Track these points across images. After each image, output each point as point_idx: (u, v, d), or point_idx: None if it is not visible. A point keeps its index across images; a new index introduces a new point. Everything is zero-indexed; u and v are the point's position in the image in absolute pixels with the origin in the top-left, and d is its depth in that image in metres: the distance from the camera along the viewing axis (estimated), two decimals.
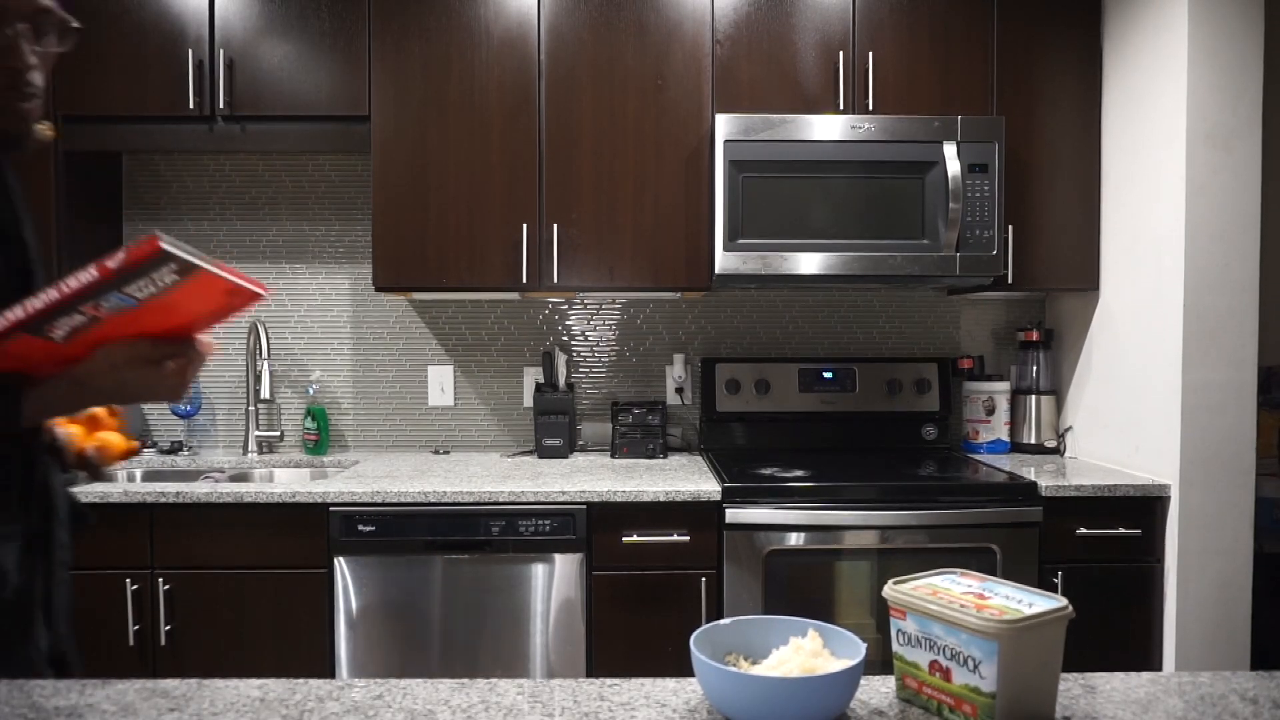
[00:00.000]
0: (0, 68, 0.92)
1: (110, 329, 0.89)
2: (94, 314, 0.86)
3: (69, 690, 0.93)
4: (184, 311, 0.91)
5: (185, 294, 0.88)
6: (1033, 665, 0.83)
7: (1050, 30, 2.49)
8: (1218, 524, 2.17)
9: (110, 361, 0.88)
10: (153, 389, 0.91)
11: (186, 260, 0.84)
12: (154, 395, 0.92)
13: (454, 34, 2.45)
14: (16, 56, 0.91)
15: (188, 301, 0.89)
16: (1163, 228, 2.24)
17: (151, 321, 0.90)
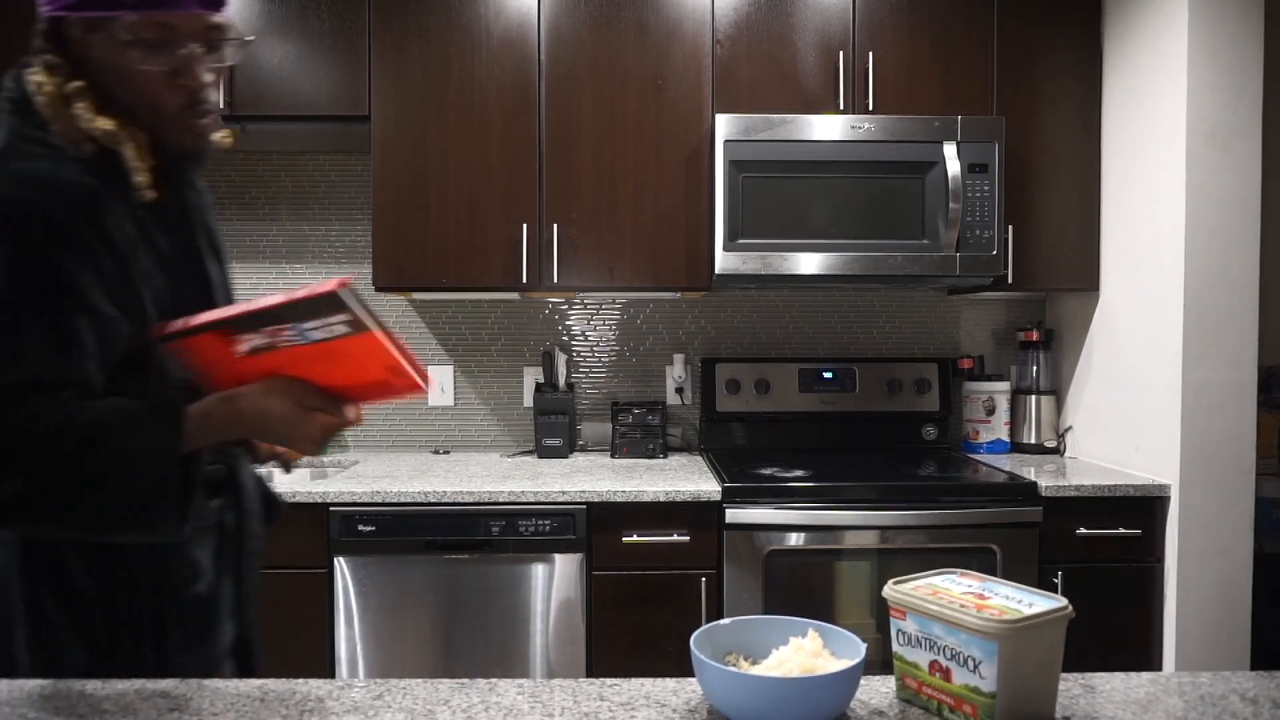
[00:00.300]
0: (178, 86, 0.94)
1: (281, 361, 0.91)
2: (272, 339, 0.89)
3: (69, 690, 0.93)
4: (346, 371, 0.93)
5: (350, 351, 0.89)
6: (1033, 665, 0.83)
7: (1050, 30, 2.49)
8: (1218, 524, 2.17)
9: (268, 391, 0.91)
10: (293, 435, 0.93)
11: (357, 316, 0.87)
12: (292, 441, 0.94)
13: (454, 34, 2.45)
14: (192, 75, 0.94)
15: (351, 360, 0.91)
16: (1163, 228, 2.24)
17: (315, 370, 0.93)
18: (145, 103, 0.95)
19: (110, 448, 0.88)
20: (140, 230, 0.97)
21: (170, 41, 0.92)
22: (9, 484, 0.87)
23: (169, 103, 0.95)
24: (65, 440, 0.87)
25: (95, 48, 0.93)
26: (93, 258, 0.90)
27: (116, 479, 0.88)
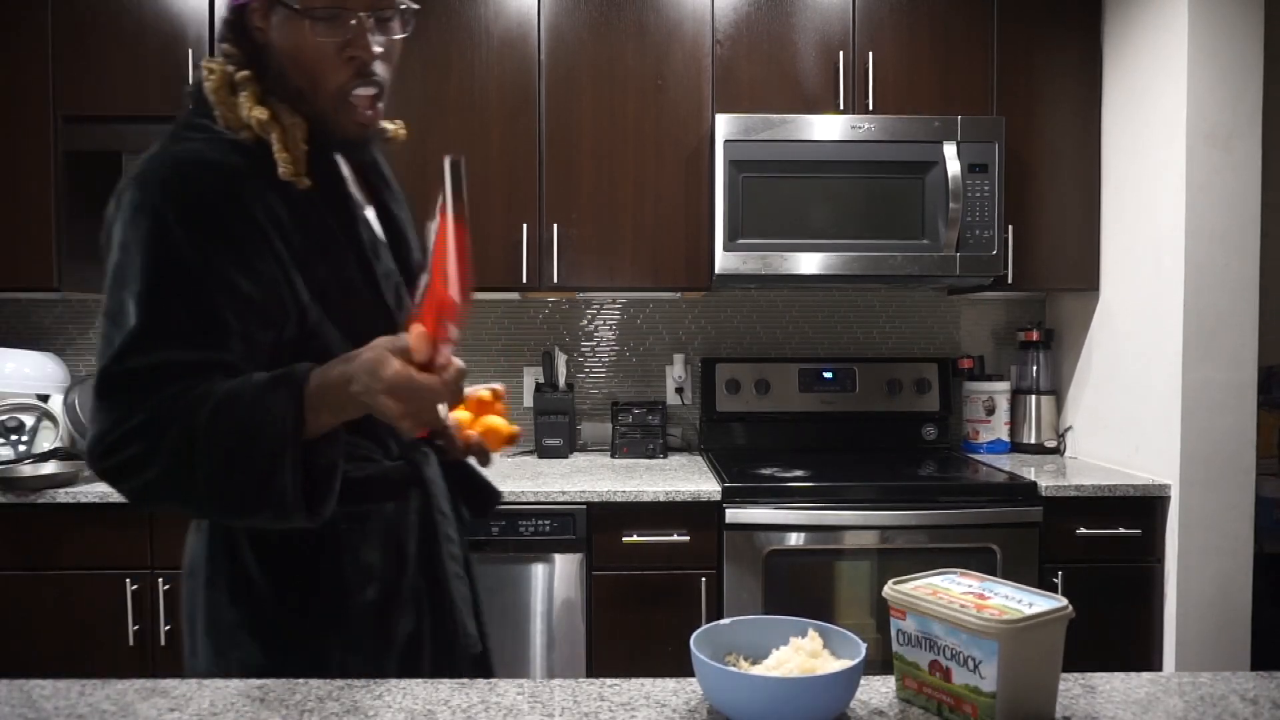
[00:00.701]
0: (346, 59, 0.94)
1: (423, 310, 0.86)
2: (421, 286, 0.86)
3: (69, 690, 0.93)
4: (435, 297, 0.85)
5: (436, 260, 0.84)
6: (1033, 665, 0.83)
7: (1050, 30, 2.49)
8: (1218, 524, 2.17)
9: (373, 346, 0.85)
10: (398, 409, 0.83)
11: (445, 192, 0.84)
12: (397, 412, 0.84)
13: (454, 34, 2.45)
14: (361, 46, 0.94)
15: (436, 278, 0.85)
16: (1163, 228, 2.24)
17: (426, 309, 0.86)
18: (313, 79, 0.95)
19: (233, 419, 0.86)
20: (294, 215, 0.96)
21: (341, 11, 0.93)
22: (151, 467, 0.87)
23: (335, 77, 0.95)
24: (198, 416, 0.86)
25: (272, 29, 0.95)
26: (230, 236, 0.90)
27: (239, 451, 0.86)
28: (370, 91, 0.99)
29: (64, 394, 2.61)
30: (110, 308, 0.90)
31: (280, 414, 0.86)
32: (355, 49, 0.95)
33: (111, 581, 2.16)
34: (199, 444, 0.86)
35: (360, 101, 0.99)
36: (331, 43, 0.94)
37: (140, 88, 2.45)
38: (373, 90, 1.00)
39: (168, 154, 0.92)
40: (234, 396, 0.87)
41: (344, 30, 0.94)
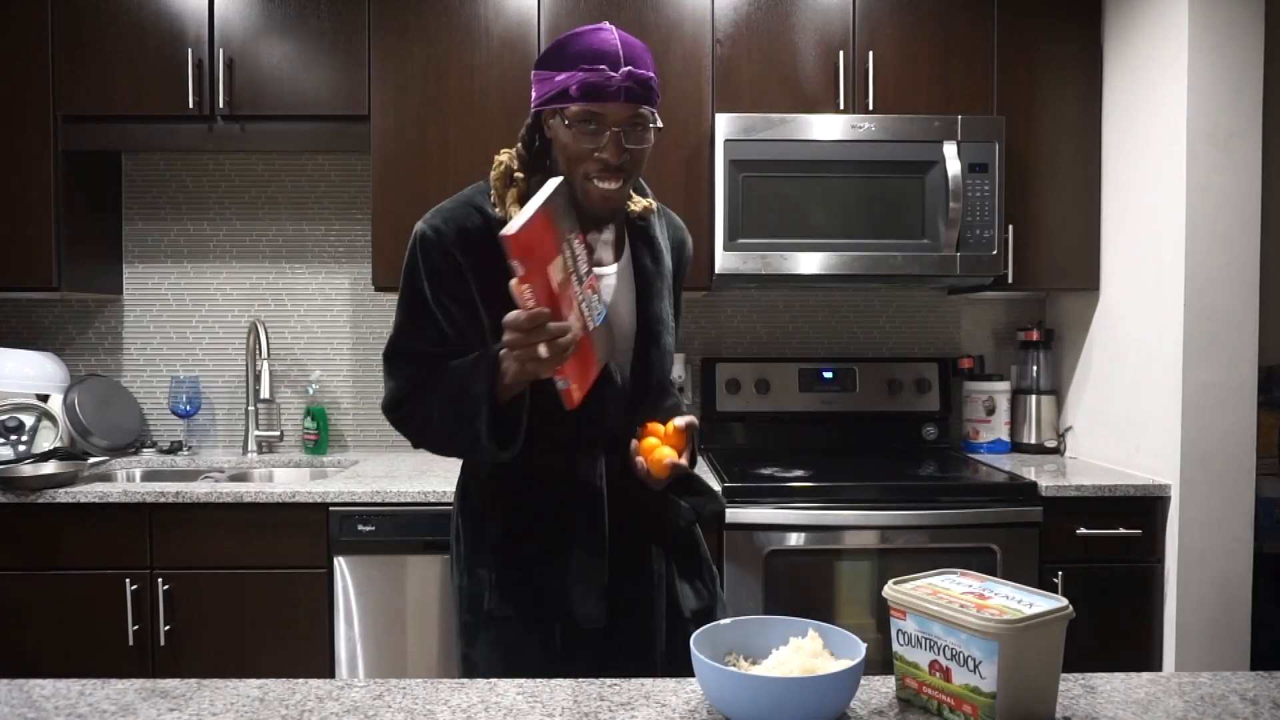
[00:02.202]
0: (596, 158, 1.23)
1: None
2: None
3: (69, 690, 0.93)
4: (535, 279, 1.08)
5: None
6: (1033, 665, 0.83)
7: (1051, 30, 2.49)
8: (1218, 524, 2.17)
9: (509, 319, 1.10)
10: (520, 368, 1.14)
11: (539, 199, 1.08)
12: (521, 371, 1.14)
13: (454, 34, 2.45)
14: (610, 152, 1.22)
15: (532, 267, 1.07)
16: (1163, 228, 2.24)
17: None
18: (570, 166, 1.25)
19: (453, 384, 1.24)
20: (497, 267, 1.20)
21: (600, 126, 1.22)
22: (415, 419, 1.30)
23: (586, 168, 1.24)
24: (436, 384, 1.27)
25: (554, 128, 1.26)
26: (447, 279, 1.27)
27: (454, 405, 1.23)
28: (609, 185, 1.25)
29: (64, 394, 2.61)
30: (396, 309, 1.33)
31: (477, 379, 1.21)
32: (603, 152, 1.23)
33: (111, 581, 2.16)
34: (434, 403, 1.26)
35: (595, 190, 1.25)
36: (588, 147, 1.23)
37: (140, 88, 2.46)
38: (613, 183, 1.25)
39: (443, 206, 1.32)
40: (455, 369, 1.26)
41: (599, 139, 1.22)
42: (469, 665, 1.36)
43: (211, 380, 2.85)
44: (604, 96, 1.19)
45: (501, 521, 1.33)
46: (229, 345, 2.86)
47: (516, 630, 1.31)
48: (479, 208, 1.30)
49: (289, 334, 2.86)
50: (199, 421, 2.84)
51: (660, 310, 1.38)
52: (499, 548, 1.33)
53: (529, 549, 1.32)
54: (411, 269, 1.29)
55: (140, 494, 2.14)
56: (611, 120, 1.21)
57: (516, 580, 1.31)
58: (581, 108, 1.21)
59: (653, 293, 1.38)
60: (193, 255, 2.85)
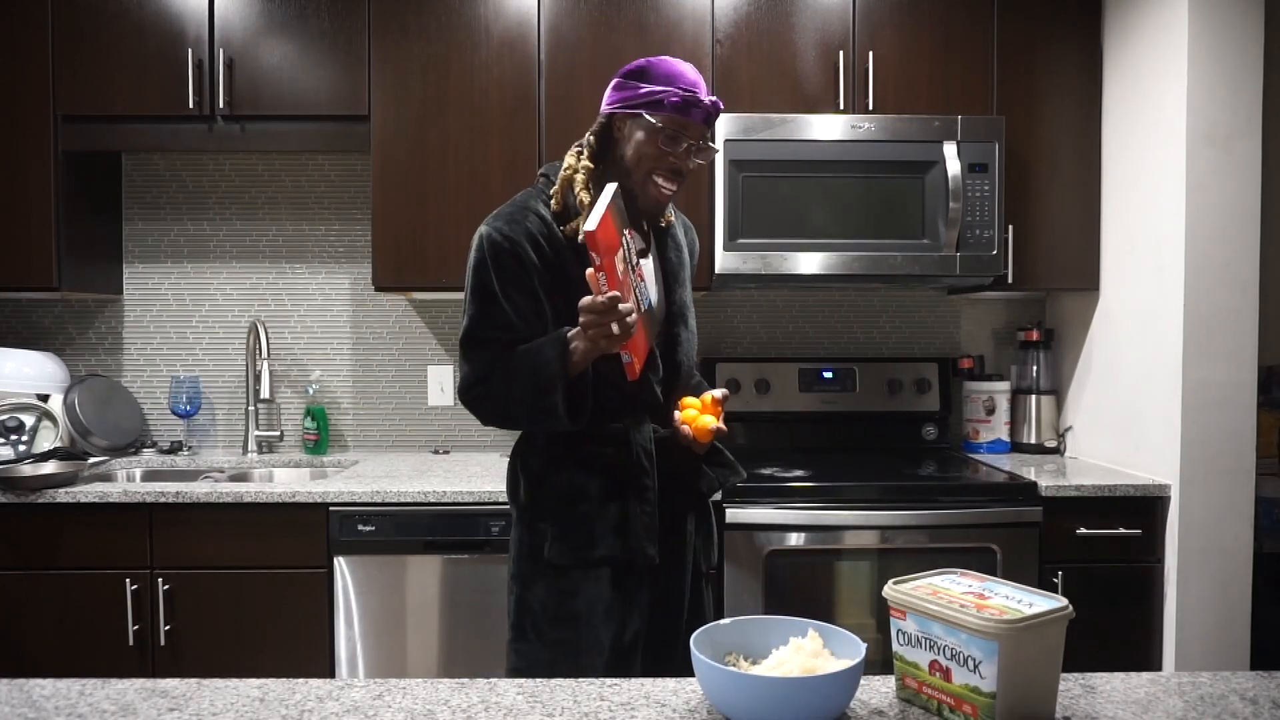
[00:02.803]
0: (668, 165, 1.45)
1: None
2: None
3: (69, 690, 0.93)
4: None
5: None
6: (1033, 665, 0.83)
7: (1051, 30, 2.49)
8: (1218, 524, 2.17)
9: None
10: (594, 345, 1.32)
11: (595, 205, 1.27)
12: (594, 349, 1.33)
13: (454, 34, 2.45)
14: (681, 158, 1.45)
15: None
16: (1163, 228, 2.24)
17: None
18: (639, 164, 1.45)
19: (527, 362, 1.41)
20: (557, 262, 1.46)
21: (679, 136, 1.44)
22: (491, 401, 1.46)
23: (654, 166, 1.45)
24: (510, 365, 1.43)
25: (628, 129, 1.47)
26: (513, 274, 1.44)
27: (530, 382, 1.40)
28: (671, 187, 1.47)
29: (64, 394, 2.61)
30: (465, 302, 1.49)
31: (550, 357, 1.38)
32: (676, 158, 1.45)
33: (111, 581, 2.16)
34: (513, 382, 1.42)
35: (660, 188, 1.46)
36: (666, 152, 1.44)
37: (140, 88, 2.46)
38: (673, 186, 1.48)
39: (502, 211, 1.49)
40: (526, 352, 1.42)
41: (677, 146, 1.44)
42: (523, 607, 1.52)
43: (211, 380, 2.85)
44: (691, 115, 1.43)
45: (562, 481, 1.50)
46: (229, 345, 2.86)
47: (572, 577, 1.49)
48: (536, 211, 1.47)
49: (289, 334, 2.86)
50: (199, 421, 2.84)
51: (684, 297, 1.61)
52: (559, 504, 1.50)
53: (586, 505, 1.49)
54: (480, 267, 1.45)
55: (140, 494, 2.14)
56: (691, 134, 1.44)
57: (574, 532, 1.49)
58: (672, 117, 1.43)
59: (678, 282, 1.61)
60: (193, 255, 2.85)
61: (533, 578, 1.52)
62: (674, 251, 1.61)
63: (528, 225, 1.45)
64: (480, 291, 1.46)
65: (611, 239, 1.24)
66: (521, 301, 1.45)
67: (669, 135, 1.43)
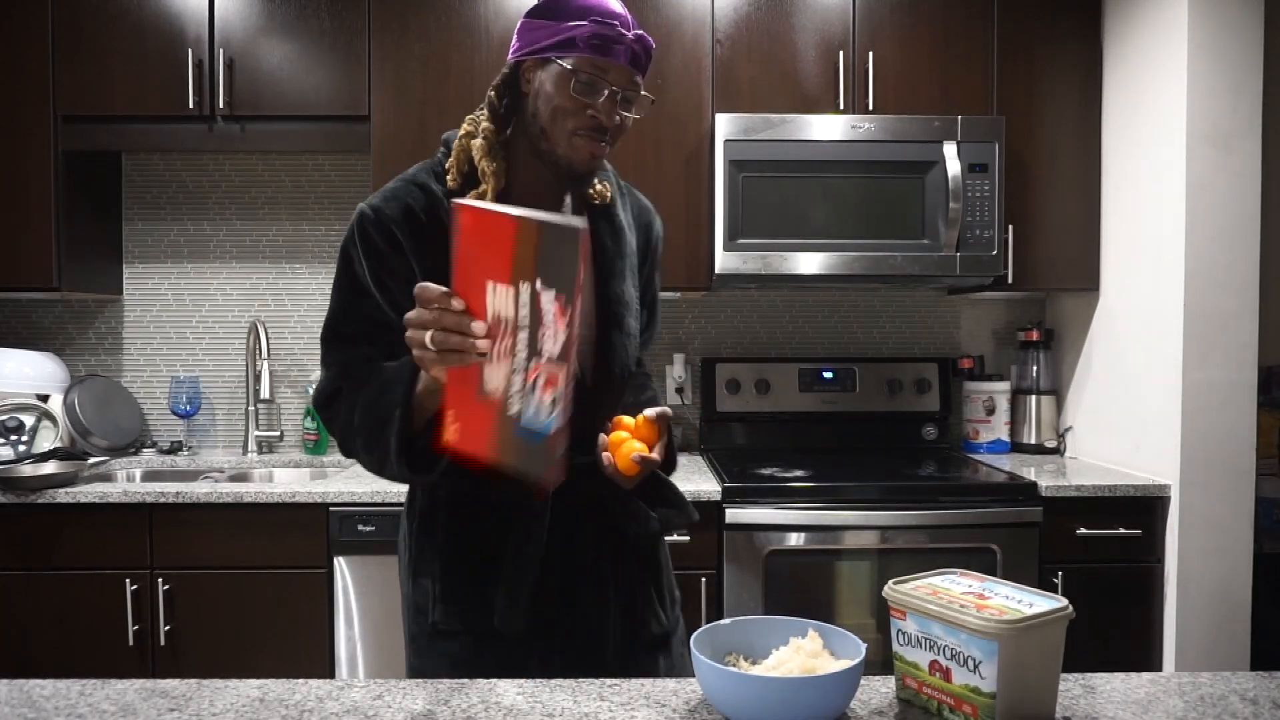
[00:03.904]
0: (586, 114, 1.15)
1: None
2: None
3: (69, 690, 0.93)
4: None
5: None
6: (1033, 665, 0.83)
7: (1051, 30, 2.49)
8: (1218, 524, 2.17)
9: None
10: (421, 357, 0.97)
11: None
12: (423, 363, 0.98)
13: (454, 34, 2.45)
14: (604, 111, 1.15)
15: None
16: (1163, 228, 2.24)
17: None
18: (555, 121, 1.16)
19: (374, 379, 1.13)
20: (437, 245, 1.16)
21: (598, 83, 1.14)
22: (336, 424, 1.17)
23: (574, 122, 1.15)
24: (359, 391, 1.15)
25: (539, 80, 1.17)
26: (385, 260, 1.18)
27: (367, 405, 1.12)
28: (595, 148, 1.17)
29: (64, 394, 2.61)
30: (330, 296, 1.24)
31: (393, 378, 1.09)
32: (597, 110, 1.15)
33: (111, 581, 2.16)
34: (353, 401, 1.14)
35: (584, 147, 1.17)
36: (583, 102, 1.15)
37: (140, 88, 2.46)
38: (598, 148, 1.17)
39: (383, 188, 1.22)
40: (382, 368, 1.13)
41: (596, 95, 1.15)
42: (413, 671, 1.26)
43: (211, 380, 2.85)
44: (612, 53, 1.14)
45: (445, 528, 1.23)
46: (229, 345, 2.86)
47: (465, 645, 1.20)
48: (423, 185, 1.21)
49: (289, 334, 2.86)
50: (199, 421, 2.84)
51: (621, 291, 1.28)
52: (443, 555, 1.23)
53: (473, 556, 1.21)
54: (347, 249, 1.20)
55: (140, 494, 2.14)
56: (613, 79, 1.15)
57: (461, 592, 1.21)
58: (587, 59, 1.14)
59: (613, 272, 1.28)
60: (193, 255, 2.85)
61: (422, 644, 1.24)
62: (610, 237, 1.29)
63: (408, 201, 1.19)
64: (347, 279, 1.20)
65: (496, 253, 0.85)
66: (396, 290, 1.17)
67: (585, 82, 1.13)
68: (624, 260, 1.30)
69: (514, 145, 1.22)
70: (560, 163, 1.18)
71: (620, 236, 1.30)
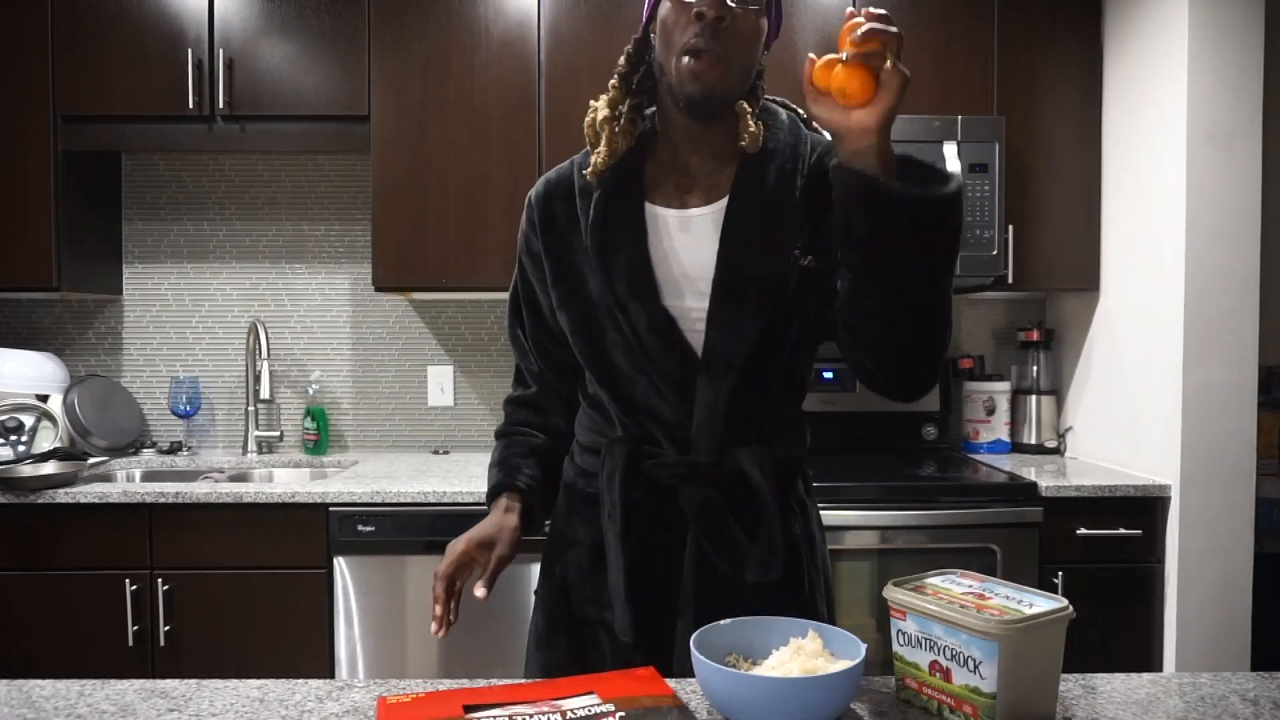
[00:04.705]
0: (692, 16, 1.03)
1: None
2: None
3: (69, 690, 0.93)
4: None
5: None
6: (1033, 666, 0.83)
7: (1051, 30, 2.49)
8: (1218, 524, 2.17)
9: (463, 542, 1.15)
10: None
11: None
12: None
13: (454, 34, 2.45)
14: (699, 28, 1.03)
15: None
16: (1163, 228, 2.24)
17: None
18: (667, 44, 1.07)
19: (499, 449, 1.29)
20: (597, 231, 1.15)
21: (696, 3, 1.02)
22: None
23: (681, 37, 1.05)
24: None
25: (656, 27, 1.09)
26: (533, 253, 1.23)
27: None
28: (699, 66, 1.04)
29: (63, 394, 2.61)
30: None
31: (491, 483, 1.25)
32: (702, 6, 1.02)
33: (111, 581, 2.16)
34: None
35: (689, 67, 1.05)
36: (687, 6, 1.04)
37: (140, 88, 2.46)
38: (702, 65, 1.04)
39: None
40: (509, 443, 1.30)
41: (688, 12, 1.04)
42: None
43: (211, 380, 2.85)
44: None
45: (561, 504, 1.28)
46: (229, 345, 2.86)
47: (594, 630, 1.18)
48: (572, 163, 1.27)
49: (289, 334, 2.86)
50: (199, 422, 2.84)
51: (750, 264, 1.09)
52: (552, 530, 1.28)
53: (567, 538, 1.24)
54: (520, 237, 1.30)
55: (140, 494, 2.14)
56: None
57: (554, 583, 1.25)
58: None
59: (742, 244, 1.10)
60: (193, 255, 2.85)
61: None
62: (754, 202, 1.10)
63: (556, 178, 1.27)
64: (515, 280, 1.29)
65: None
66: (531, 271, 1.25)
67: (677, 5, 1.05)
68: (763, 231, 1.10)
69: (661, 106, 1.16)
70: (677, 92, 1.08)
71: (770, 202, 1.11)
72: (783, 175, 1.11)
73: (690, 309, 1.11)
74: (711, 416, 1.09)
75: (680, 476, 1.11)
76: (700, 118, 1.10)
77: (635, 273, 1.12)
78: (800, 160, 1.13)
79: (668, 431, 1.12)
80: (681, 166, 1.16)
